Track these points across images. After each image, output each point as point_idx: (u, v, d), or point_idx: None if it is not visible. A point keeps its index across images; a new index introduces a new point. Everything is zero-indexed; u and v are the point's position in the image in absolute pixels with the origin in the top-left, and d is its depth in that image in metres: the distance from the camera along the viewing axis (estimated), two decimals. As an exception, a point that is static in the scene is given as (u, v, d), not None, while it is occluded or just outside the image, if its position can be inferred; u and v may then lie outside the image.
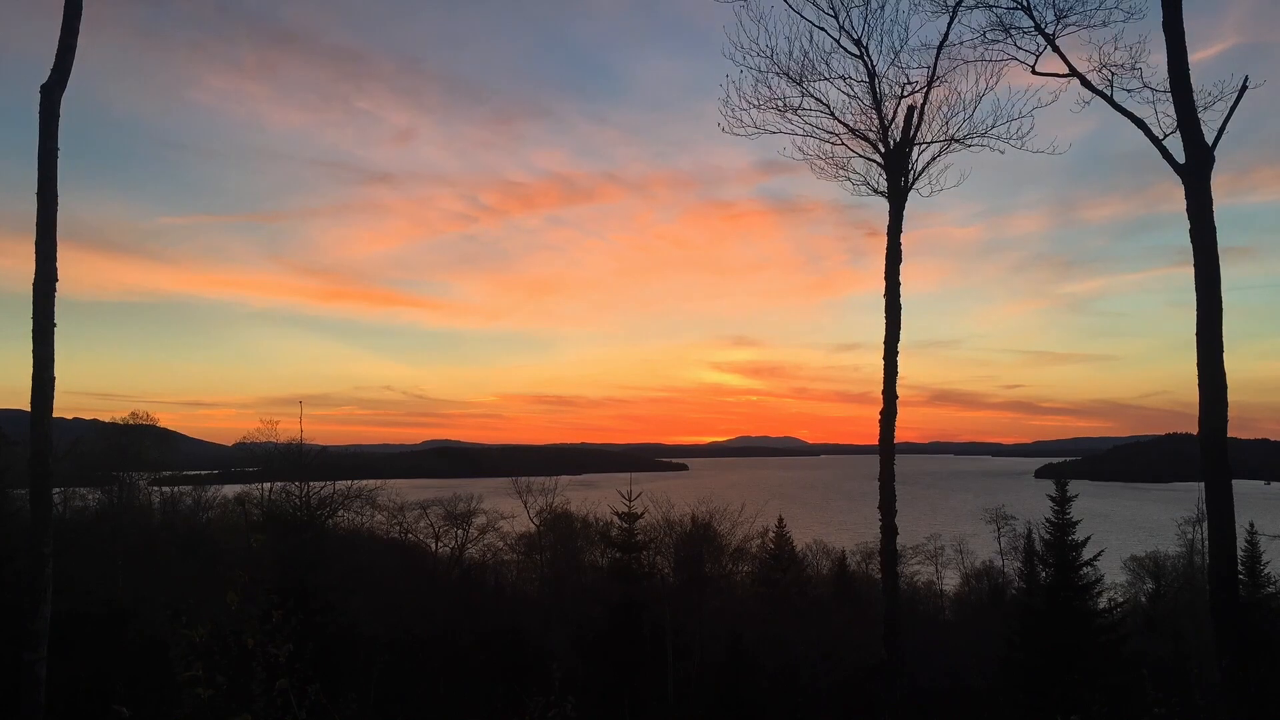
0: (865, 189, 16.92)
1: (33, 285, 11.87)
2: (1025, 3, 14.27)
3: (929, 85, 16.06)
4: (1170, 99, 12.76)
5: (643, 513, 37.16)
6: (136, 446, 53.69)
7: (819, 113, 16.54)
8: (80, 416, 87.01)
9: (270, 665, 4.72)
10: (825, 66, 16.11)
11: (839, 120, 16.53)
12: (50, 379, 11.90)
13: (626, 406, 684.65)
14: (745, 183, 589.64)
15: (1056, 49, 14.19)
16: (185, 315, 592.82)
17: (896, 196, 16.40)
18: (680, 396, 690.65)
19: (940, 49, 15.75)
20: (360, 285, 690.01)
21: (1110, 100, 13.73)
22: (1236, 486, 12.49)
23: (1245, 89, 12.73)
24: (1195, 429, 12.47)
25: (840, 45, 15.97)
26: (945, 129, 16.37)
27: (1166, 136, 13.05)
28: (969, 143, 16.36)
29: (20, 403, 12.06)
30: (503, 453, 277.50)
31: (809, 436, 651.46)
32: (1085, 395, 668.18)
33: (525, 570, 62.47)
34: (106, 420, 60.91)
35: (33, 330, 11.81)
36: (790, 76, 16.13)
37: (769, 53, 15.89)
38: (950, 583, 73.47)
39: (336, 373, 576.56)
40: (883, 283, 16.26)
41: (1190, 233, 12.52)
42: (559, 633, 38.80)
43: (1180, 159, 12.70)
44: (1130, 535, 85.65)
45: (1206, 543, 15.12)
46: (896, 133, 16.34)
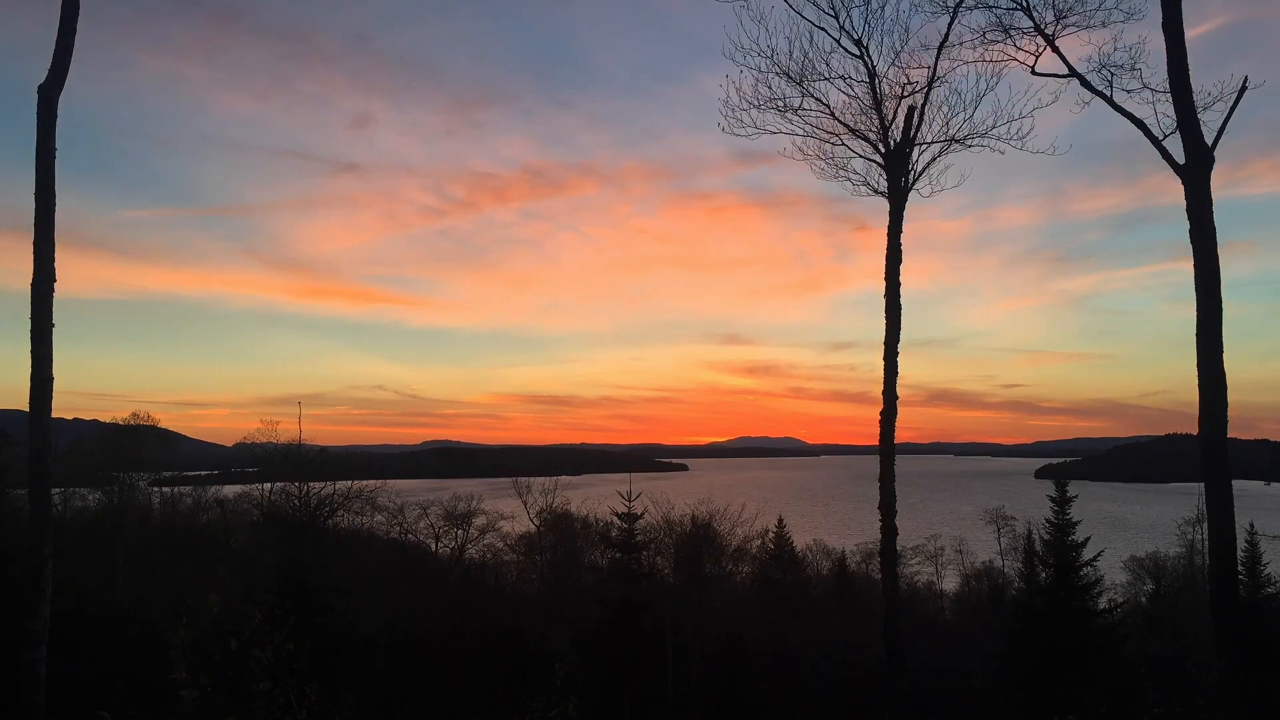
0: (865, 189, 16.96)
1: (31, 285, 11.88)
2: (1025, 3, 14.29)
3: (929, 85, 16.10)
4: (1170, 99, 12.76)
5: (642, 513, 37.14)
6: (136, 446, 53.68)
7: (819, 113, 16.60)
8: (80, 417, 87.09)
9: (265, 666, 4.70)
10: (825, 66, 16.17)
11: (839, 120, 16.59)
12: (49, 378, 11.91)
13: (623, 406, 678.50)
14: (723, 173, 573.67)
15: (1056, 49, 14.21)
16: (163, 313, 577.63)
17: (896, 197, 16.41)
18: (677, 396, 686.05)
19: (940, 49, 15.79)
20: (338, 282, 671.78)
21: (1110, 101, 13.74)
22: (1236, 486, 12.49)
23: (1245, 89, 12.73)
24: (1195, 429, 12.48)
25: (840, 45, 16.02)
26: (945, 129, 16.43)
27: (1166, 137, 13.06)
28: (969, 143, 16.41)
29: (20, 403, 12.08)
30: (502, 453, 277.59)
31: (808, 437, 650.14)
32: (1085, 395, 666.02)
33: (525, 570, 62.47)
34: (106, 420, 61.03)
35: (31, 330, 11.82)
36: (790, 76, 16.18)
37: (769, 53, 15.96)
38: (950, 583, 73.47)
39: (327, 372, 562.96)
40: (872, 281, 16.35)
41: (1190, 233, 12.52)
42: (559, 633, 38.76)
43: (1180, 159, 12.70)
44: (1130, 535, 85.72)
45: (1206, 543, 15.12)
46: (897, 133, 16.36)
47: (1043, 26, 14.24)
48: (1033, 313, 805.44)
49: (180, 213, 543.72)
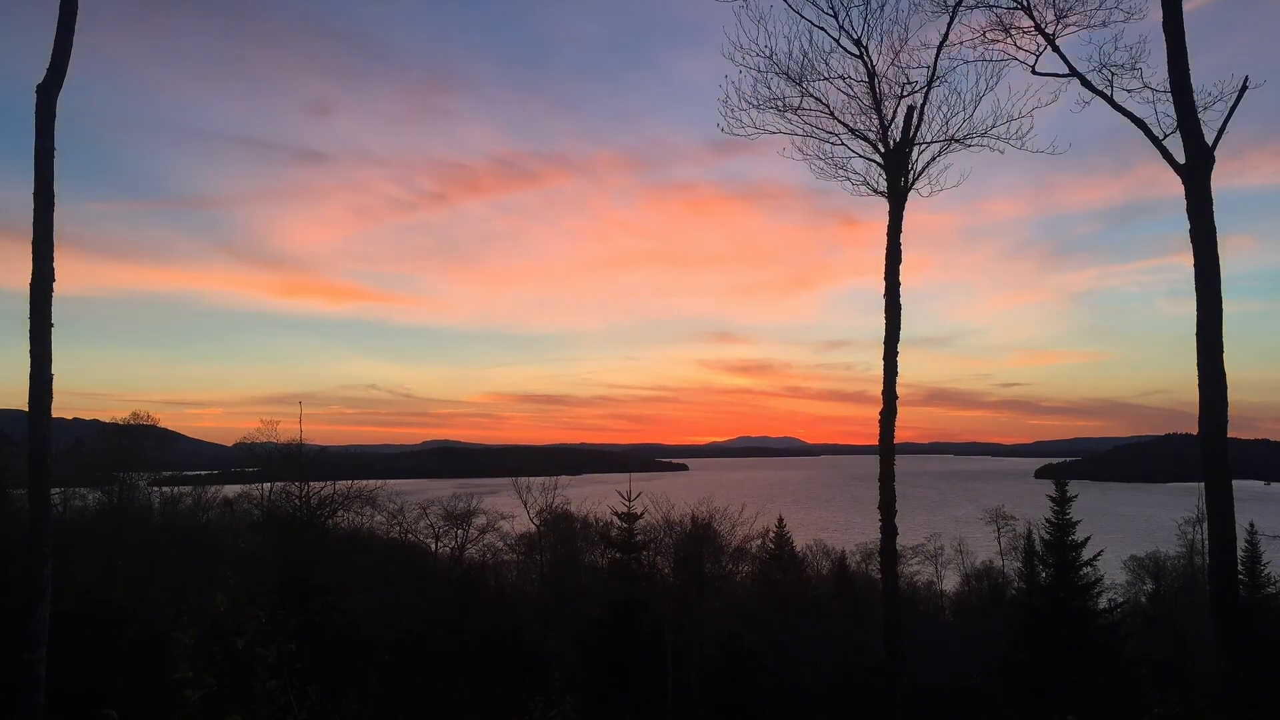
0: (865, 189, 16.98)
1: (30, 285, 11.87)
2: (1025, 3, 14.28)
3: (929, 85, 16.11)
4: (1170, 99, 12.75)
5: (642, 513, 37.12)
6: (136, 446, 53.68)
7: (819, 113, 16.61)
8: (80, 416, 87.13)
9: (267, 666, 4.70)
10: (825, 66, 16.18)
11: (839, 120, 16.60)
12: (48, 378, 11.88)
13: (619, 406, 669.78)
14: (700, 163, 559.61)
15: (1056, 49, 14.21)
16: (140, 311, 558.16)
17: (896, 196, 16.41)
18: (673, 396, 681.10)
19: (940, 49, 15.80)
20: (317, 278, 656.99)
21: (1110, 100, 13.74)
22: (1236, 486, 12.49)
23: (1245, 89, 12.72)
24: (1195, 429, 12.47)
25: (840, 45, 16.03)
26: (945, 129, 16.43)
27: (1166, 136, 13.06)
28: (969, 143, 16.42)
29: (20, 403, 12.07)
30: (501, 453, 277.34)
31: (808, 436, 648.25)
32: (1084, 394, 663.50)
33: (525, 570, 62.42)
34: (106, 420, 60.99)
35: (30, 329, 11.80)
36: (790, 76, 16.19)
37: (769, 53, 15.97)
38: (950, 583, 73.42)
39: (317, 371, 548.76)
40: (862, 278, 16.95)
41: (1190, 233, 12.52)
42: (559, 633, 38.78)
43: (1180, 159, 12.70)
44: (1130, 535, 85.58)
45: (1206, 543, 15.12)
46: (896, 133, 16.37)
47: (1043, 26, 14.25)
48: (1028, 309, 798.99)
49: (140, 205, 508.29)
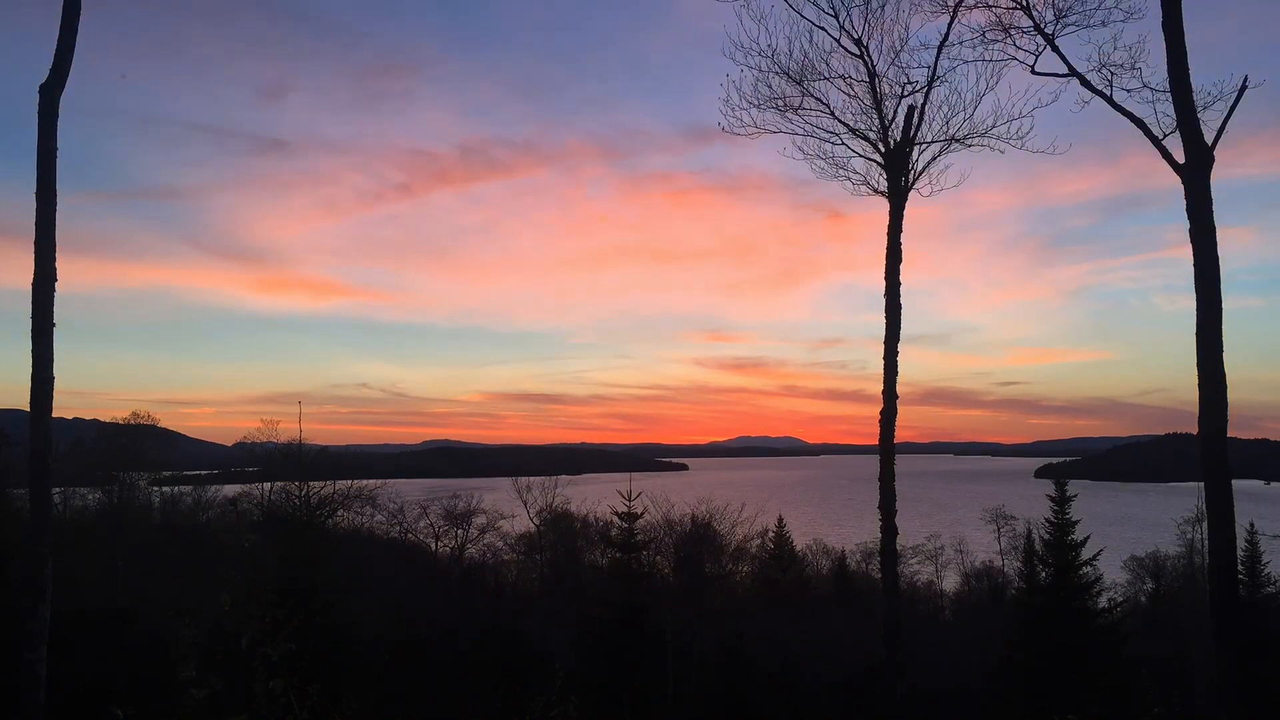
0: (865, 189, 16.97)
1: (31, 285, 11.88)
2: (1025, 3, 14.28)
3: (929, 85, 16.11)
4: (1170, 99, 12.76)
5: (642, 513, 37.13)
6: (137, 446, 53.72)
7: (819, 112, 16.60)
8: (80, 416, 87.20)
9: (269, 665, 4.71)
10: (825, 66, 16.18)
11: (839, 120, 16.59)
12: (50, 378, 11.90)
13: (616, 405, 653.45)
14: (675, 151, 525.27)
15: (1056, 49, 14.20)
16: (118, 308, 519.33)
17: (897, 196, 16.42)
18: (670, 395, 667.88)
19: (940, 49, 15.80)
20: (294, 273, 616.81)
21: (1110, 100, 13.74)
22: (1236, 486, 12.47)
23: (1245, 88, 12.73)
24: (1195, 428, 12.47)
25: (840, 45, 16.03)
26: (945, 129, 16.42)
27: (1166, 136, 13.05)
28: (969, 143, 16.41)
29: (20, 402, 12.08)
30: (501, 452, 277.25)
31: (808, 436, 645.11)
32: (1083, 393, 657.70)
33: (525, 570, 62.53)
34: (106, 420, 61.04)
35: (31, 329, 11.82)
36: (790, 76, 16.19)
37: (769, 52, 15.96)
38: (950, 583, 73.44)
39: (306, 369, 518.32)
40: (850, 274, 17.41)
41: (1190, 232, 12.52)
42: (559, 633, 38.77)
43: (1180, 159, 12.71)
44: (1130, 535, 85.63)
45: (1206, 543, 15.12)
46: (896, 132, 16.38)
47: (1042, 26, 14.24)
48: (1023, 306, 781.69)
49: (98, 197, 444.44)
